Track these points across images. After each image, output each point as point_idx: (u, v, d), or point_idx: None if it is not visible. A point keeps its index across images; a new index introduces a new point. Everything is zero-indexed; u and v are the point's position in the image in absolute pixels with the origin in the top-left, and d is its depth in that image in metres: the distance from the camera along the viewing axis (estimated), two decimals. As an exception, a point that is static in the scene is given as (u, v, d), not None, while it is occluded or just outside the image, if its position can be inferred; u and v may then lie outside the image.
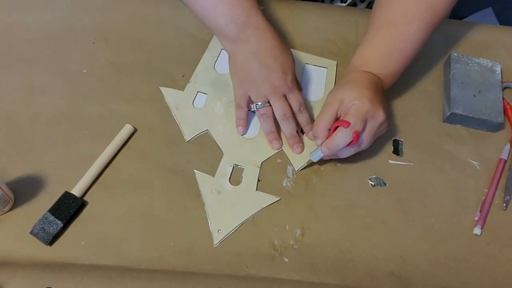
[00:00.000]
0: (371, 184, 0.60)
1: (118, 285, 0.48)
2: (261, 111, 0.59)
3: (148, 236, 0.53)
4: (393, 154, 0.63)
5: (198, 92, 0.65)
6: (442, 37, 0.75)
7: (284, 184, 0.59)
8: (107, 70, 0.65)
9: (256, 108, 0.59)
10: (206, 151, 0.60)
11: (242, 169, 0.59)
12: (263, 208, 0.56)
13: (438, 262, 0.55)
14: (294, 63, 0.59)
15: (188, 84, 0.65)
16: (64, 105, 0.61)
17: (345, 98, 0.55)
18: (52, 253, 0.51)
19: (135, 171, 0.57)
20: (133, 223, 0.54)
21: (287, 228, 0.56)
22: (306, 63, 0.70)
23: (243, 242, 0.54)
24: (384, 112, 0.55)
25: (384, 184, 0.60)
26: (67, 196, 0.53)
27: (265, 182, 0.59)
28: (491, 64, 0.70)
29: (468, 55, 0.70)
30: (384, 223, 0.57)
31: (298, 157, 0.61)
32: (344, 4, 0.83)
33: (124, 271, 0.50)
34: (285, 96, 0.58)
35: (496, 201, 0.61)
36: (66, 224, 0.52)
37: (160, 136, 0.60)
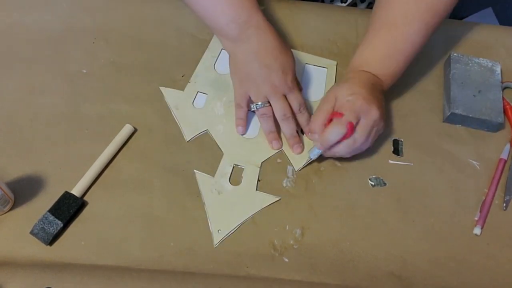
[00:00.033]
0: (371, 184, 0.60)
1: (118, 285, 0.48)
2: (261, 111, 0.59)
3: (148, 236, 0.53)
4: (393, 154, 0.63)
5: (198, 92, 0.65)
6: (442, 37, 0.75)
7: (284, 184, 0.59)
8: (107, 70, 0.65)
9: (256, 108, 0.59)
10: (206, 151, 0.60)
11: (242, 169, 0.59)
12: (263, 208, 0.56)
13: (438, 262, 0.55)
14: (294, 63, 0.59)
15: (188, 84, 0.65)
16: (64, 105, 0.61)
17: (340, 94, 0.56)
18: (52, 253, 0.51)
19: (135, 171, 0.57)
20: (133, 223, 0.54)
21: (287, 228, 0.56)
22: (306, 63, 0.70)
23: (243, 242, 0.54)
24: (378, 110, 0.55)
25: (384, 184, 0.60)
26: (67, 196, 0.53)
27: (265, 182, 0.59)
28: (491, 64, 0.70)
29: (468, 55, 0.70)
30: (384, 223, 0.57)
31: (298, 157, 0.61)
32: (344, 4, 0.83)
33: (124, 271, 0.50)
34: (285, 96, 0.58)
35: (496, 201, 0.61)
36: (66, 224, 0.52)
37: (160, 136, 0.60)
